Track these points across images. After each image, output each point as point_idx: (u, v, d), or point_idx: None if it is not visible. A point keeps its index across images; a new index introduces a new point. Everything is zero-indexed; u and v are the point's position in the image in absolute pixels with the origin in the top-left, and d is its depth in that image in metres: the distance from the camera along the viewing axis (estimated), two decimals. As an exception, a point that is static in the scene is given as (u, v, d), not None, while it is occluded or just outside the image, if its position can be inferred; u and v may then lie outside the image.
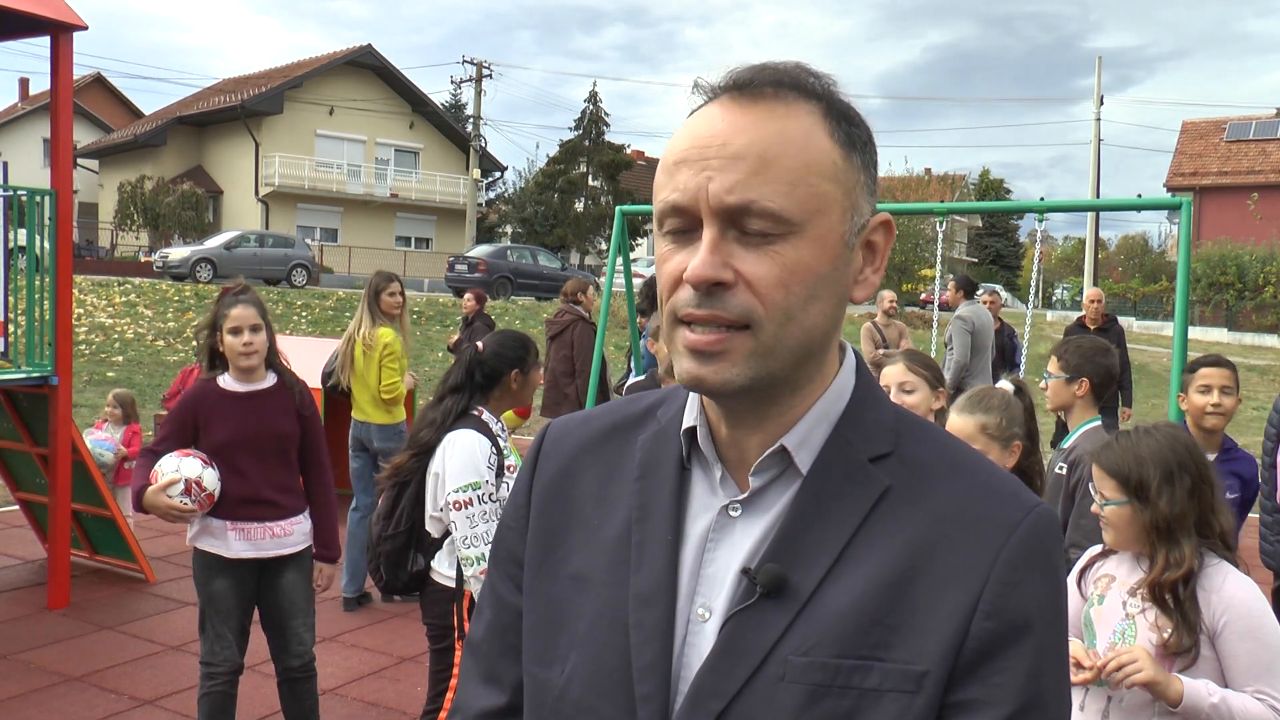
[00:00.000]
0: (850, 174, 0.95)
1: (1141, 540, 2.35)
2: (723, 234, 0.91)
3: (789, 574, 0.93)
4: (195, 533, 3.70)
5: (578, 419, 1.15)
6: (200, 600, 3.73)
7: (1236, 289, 30.28)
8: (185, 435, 3.67)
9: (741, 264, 0.91)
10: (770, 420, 0.98)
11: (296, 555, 3.79)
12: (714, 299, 0.91)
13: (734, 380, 0.93)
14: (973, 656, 0.89)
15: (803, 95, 0.94)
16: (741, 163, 0.90)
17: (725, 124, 0.92)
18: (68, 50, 5.85)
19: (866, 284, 0.99)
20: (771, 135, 0.91)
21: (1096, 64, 31.87)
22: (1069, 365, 3.66)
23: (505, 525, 1.14)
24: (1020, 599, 0.90)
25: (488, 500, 3.22)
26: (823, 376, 0.99)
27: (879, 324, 9.59)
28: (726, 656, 0.92)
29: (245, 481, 3.66)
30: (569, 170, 44.92)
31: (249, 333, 3.63)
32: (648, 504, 1.02)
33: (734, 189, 0.90)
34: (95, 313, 18.34)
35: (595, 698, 0.98)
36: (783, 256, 0.91)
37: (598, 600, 1.01)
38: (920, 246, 30.42)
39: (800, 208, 0.91)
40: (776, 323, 0.92)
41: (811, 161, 0.92)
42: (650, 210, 1.77)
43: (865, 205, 0.97)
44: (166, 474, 3.53)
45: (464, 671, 1.15)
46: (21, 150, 40.37)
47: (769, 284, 0.91)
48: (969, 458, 0.99)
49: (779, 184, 0.90)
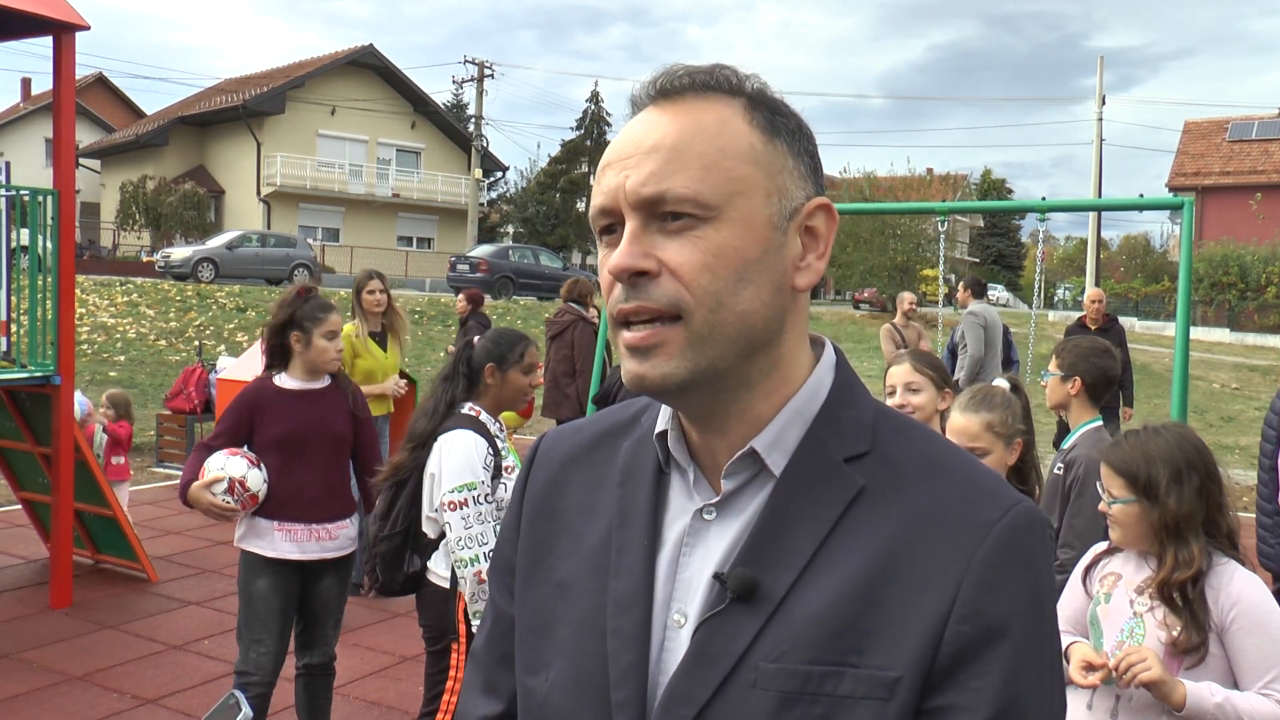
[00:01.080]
0: (773, 158, 0.94)
1: (1149, 539, 2.34)
2: (644, 226, 0.92)
3: (760, 578, 0.91)
4: (242, 533, 3.70)
5: (570, 429, 1.16)
6: (239, 605, 3.70)
7: (1239, 289, 30.26)
8: (241, 432, 3.68)
9: (664, 253, 0.91)
10: (734, 420, 0.97)
11: (338, 560, 3.79)
12: (639, 290, 0.92)
13: (674, 374, 0.92)
14: (948, 662, 0.87)
15: (722, 91, 0.96)
16: (655, 155, 0.92)
17: (644, 126, 0.95)
18: (70, 50, 5.86)
19: (810, 270, 0.97)
20: (684, 126, 0.93)
21: (1098, 63, 31.85)
22: (1064, 364, 3.68)
23: (502, 537, 1.15)
24: (997, 601, 0.87)
25: (483, 501, 3.22)
26: (783, 373, 0.97)
27: (898, 325, 9.71)
28: (698, 663, 0.92)
29: (296, 480, 3.65)
30: (571, 170, 44.97)
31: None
32: (627, 509, 1.01)
33: (648, 180, 0.91)
34: (97, 312, 18.35)
35: (575, 704, 0.98)
36: (705, 241, 0.91)
37: (579, 607, 1.00)
38: (922, 246, 30.38)
39: (716, 191, 0.91)
40: (707, 308, 0.91)
41: (726, 145, 0.92)
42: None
43: (796, 190, 0.95)
44: (212, 471, 3.54)
45: (466, 681, 1.16)
46: (24, 150, 40.40)
47: (692, 269, 0.91)
48: (949, 456, 0.97)
49: (693, 169, 0.91)
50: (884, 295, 29.77)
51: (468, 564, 3.19)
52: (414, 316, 20.63)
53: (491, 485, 3.25)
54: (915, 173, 35.33)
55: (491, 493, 3.25)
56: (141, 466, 9.91)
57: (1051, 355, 3.81)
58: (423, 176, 40.26)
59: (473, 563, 3.19)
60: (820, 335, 1.04)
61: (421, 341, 18.33)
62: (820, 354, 1.01)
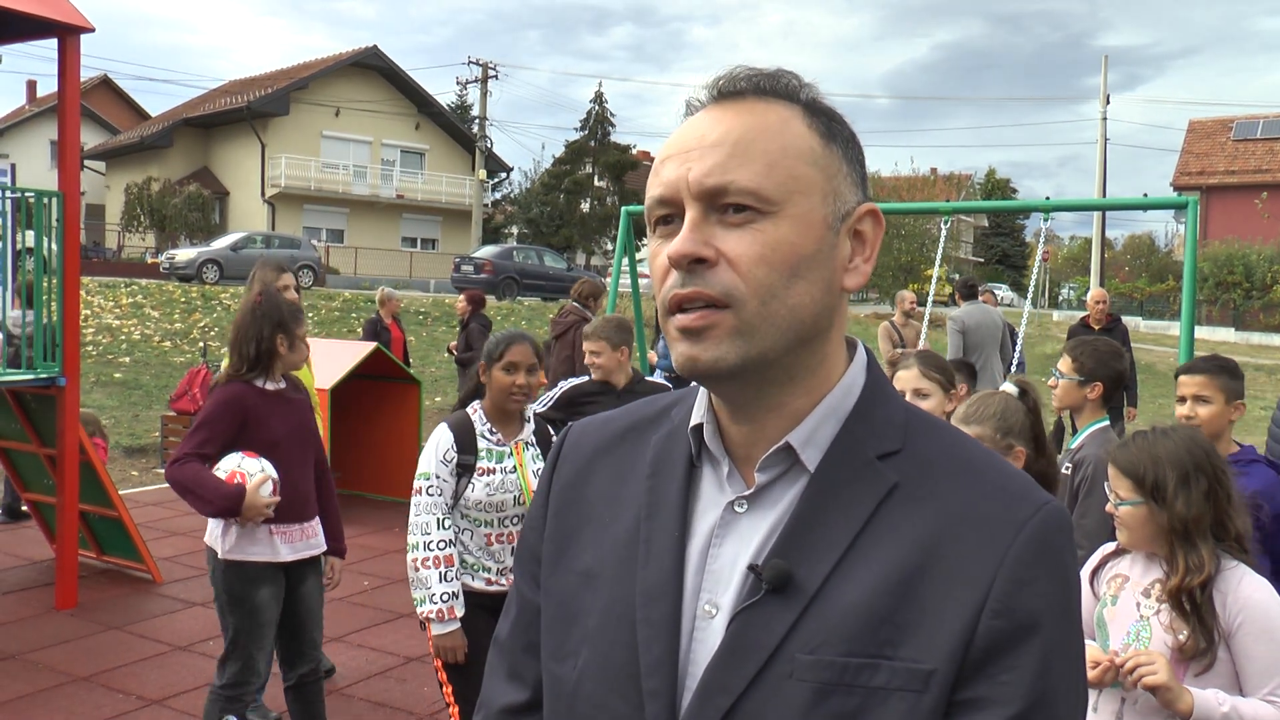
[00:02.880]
0: (830, 161, 0.97)
1: (1156, 541, 2.33)
2: (704, 216, 0.95)
3: (795, 570, 0.93)
4: (232, 544, 3.56)
5: (598, 421, 1.17)
6: (236, 620, 3.57)
7: (1244, 288, 30.22)
8: (230, 437, 3.59)
9: (723, 243, 0.94)
10: (773, 414, 0.98)
11: (317, 559, 3.81)
12: (696, 276, 0.94)
13: (725, 358, 0.94)
14: (980, 655, 0.88)
15: (781, 96, 0.99)
16: (719, 149, 0.95)
17: (707, 122, 0.97)
18: (75, 52, 5.87)
19: (858, 272, 0.99)
20: (748, 123, 0.96)
21: (1102, 63, 31.81)
22: (1084, 368, 3.62)
23: (528, 525, 1.17)
24: (1029, 598, 0.89)
25: (434, 494, 3.28)
26: (825, 370, 0.99)
27: (896, 324, 9.68)
28: (734, 653, 0.93)
29: (289, 481, 3.65)
30: (575, 171, 44.95)
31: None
32: (657, 501, 1.03)
33: (712, 172, 0.94)
34: (102, 314, 18.38)
35: (606, 693, 0.99)
36: (763, 234, 0.93)
37: (607, 596, 1.02)
38: (926, 246, 30.37)
39: (779, 187, 0.94)
40: (759, 299, 0.93)
41: (789, 145, 0.95)
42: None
43: (849, 194, 0.99)
44: (254, 474, 3.49)
45: (490, 667, 1.18)
46: (29, 152, 40.51)
47: (750, 261, 0.93)
48: (980, 456, 0.99)
49: (756, 164, 0.94)
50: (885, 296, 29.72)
51: (409, 549, 3.29)
52: (418, 318, 20.65)
53: (456, 482, 3.31)
54: (919, 173, 35.30)
55: (454, 488, 3.31)
56: (146, 468, 9.93)
57: (1063, 355, 3.77)
58: (427, 177, 40.29)
59: (412, 549, 3.28)
60: (852, 337, 1.06)
61: (426, 342, 18.34)
62: (853, 354, 1.04)
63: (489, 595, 3.34)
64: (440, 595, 3.23)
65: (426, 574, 3.24)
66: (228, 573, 3.58)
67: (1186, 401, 3.34)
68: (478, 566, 3.35)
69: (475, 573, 3.35)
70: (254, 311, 3.71)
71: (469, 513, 3.34)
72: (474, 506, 3.32)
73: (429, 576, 3.24)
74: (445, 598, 3.23)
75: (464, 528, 3.36)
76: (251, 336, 3.68)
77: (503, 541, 3.36)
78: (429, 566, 3.25)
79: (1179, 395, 3.41)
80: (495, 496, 3.31)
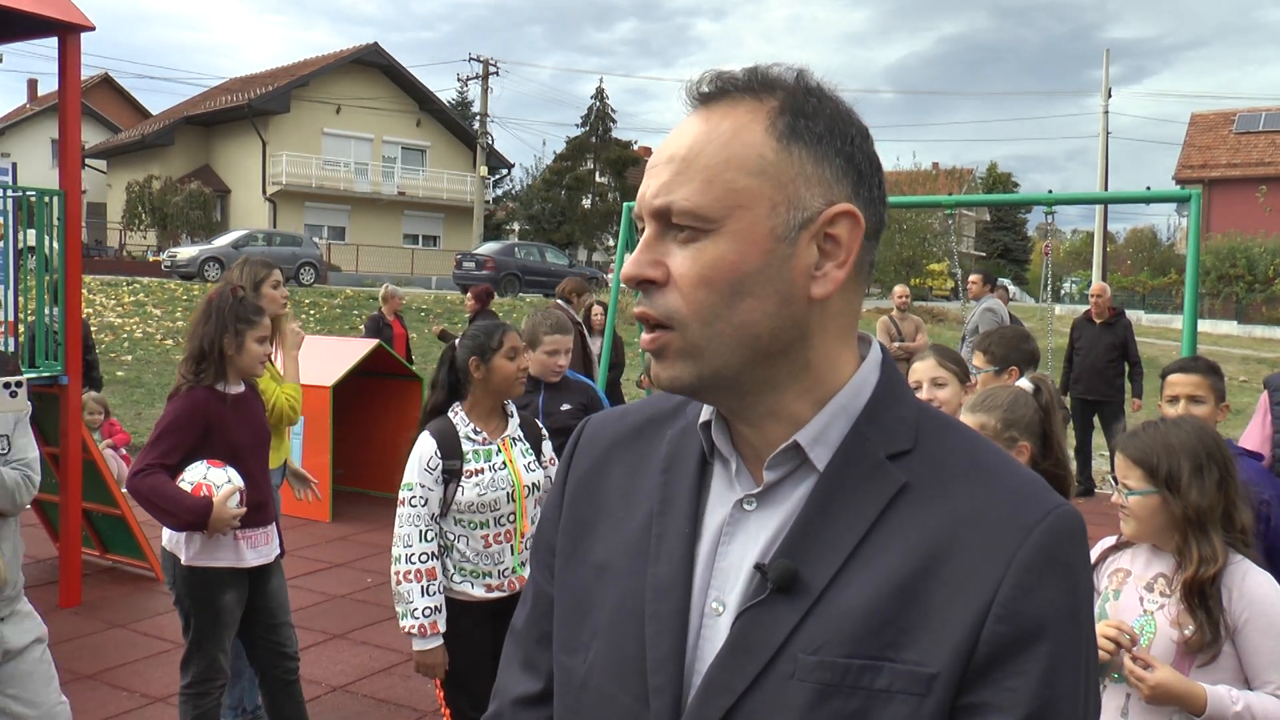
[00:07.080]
0: (785, 166, 0.93)
1: (1165, 532, 2.30)
2: (660, 234, 0.96)
3: (801, 570, 0.92)
4: (196, 550, 3.49)
5: (615, 415, 1.18)
6: (199, 622, 3.53)
7: (1246, 281, 30.18)
8: (191, 444, 3.49)
9: (673, 261, 0.95)
10: (768, 418, 0.98)
11: (278, 559, 3.80)
12: (648, 296, 0.96)
13: (680, 377, 0.96)
14: (984, 660, 0.87)
15: (752, 93, 0.96)
16: (670, 166, 0.95)
17: (675, 132, 0.98)
18: (75, 51, 5.86)
19: (827, 280, 0.95)
20: (699, 135, 0.95)
21: (1104, 57, 31.74)
22: (995, 357, 3.67)
23: (544, 517, 1.17)
24: (1034, 604, 0.88)
25: (417, 505, 3.23)
26: (819, 374, 0.98)
27: (894, 318, 9.80)
28: (737, 652, 0.93)
29: (253, 486, 3.58)
30: (576, 167, 44.93)
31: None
32: (669, 496, 1.03)
33: (659, 192, 0.95)
34: (104, 312, 18.40)
35: (614, 686, 0.99)
36: (703, 254, 0.93)
37: (619, 590, 1.02)
38: (928, 241, 30.34)
39: (716, 203, 0.93)
40: (701, 321, 0.94)
41: (732, 156, 0.93)
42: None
43: (813, 198, 0.94)
44: (220, 485, 3.40)
45: (505, 657, 1.18)
46: (30, 151, 40.49)
47: (690, 282, 0.94)
48: (992, 457, 0.97)
49: (694, 182, 0.93)
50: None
51: (394, 561, 3.24)
52: (420, 314, 20.65)
53: (445, 489, 3.25)
54: (920, 167, 35.27)
55: (443, 495, 3.25)
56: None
57: (976, 352, 3.80)
58: (428, 174, 40.27)
59: (395, 561, 3.23)
60: (867, 334, 1.04)
61: (428, 339, 18.34)
62: (866, 353, 1.02)
63: (491, 602, 3.30)
64: (422, 610, 3.18)
65: (408, 588, 3.19)
66: (191, 578, 3.52)
67: (1179, 401, 3.34)
68: (478, 573, 3.29)
69: (476, 580, 3.29)
70: (204, 310, 3.64)
71: (462, 517, 3.27)
72: (467, 509, 3.26)
73: (410, 590, 3.19)
74: (427, 612, 3.19)
75: (459, 534, 3.28)
76: (197, 335, 3.60)
77: (501, 541, 3.31)
78: (410, 580, 3.19)
79: (1170, 395, 3.41)
80: (487, 496, 3.25)
